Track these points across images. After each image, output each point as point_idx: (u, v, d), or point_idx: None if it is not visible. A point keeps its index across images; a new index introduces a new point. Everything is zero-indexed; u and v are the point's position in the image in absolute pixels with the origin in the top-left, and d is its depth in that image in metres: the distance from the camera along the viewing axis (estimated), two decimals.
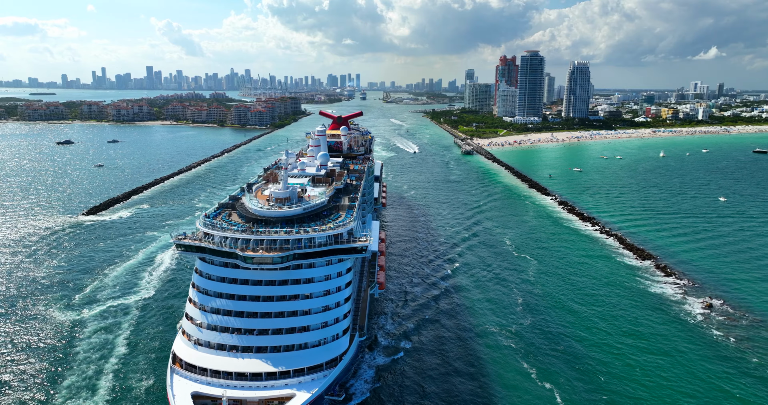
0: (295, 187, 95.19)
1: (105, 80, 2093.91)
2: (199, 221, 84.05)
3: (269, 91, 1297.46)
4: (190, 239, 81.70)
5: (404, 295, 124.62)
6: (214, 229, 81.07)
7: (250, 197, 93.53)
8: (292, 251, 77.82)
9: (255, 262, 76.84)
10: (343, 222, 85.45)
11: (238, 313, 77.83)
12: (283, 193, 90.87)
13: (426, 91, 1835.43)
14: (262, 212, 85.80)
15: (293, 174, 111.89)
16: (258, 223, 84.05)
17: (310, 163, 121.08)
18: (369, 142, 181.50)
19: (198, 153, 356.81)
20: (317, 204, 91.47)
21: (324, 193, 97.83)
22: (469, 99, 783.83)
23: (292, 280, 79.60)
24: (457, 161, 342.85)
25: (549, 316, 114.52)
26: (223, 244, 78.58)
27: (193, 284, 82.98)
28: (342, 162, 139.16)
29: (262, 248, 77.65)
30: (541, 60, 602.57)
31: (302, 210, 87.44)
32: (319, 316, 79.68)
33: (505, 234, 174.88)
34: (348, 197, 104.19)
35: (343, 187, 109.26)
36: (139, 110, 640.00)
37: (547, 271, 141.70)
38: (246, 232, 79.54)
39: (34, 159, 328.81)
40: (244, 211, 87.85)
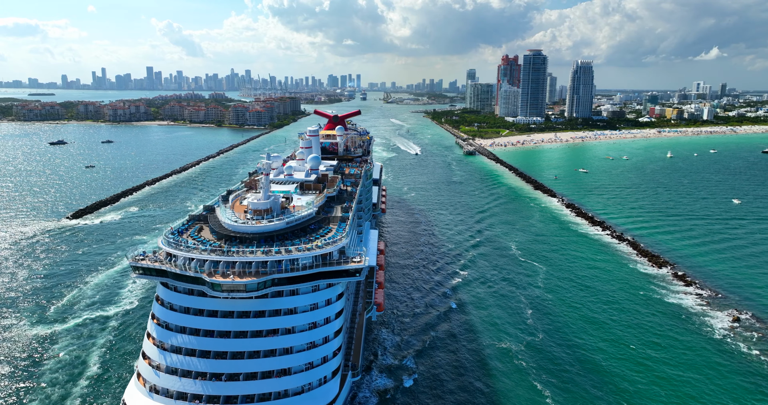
0: (278, 196, 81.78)
1: (105, 81, 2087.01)
2: (162, 238, 70.43)
3: (269, 92, 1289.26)
4: (149, 260, 68.05)
5: (405, 312, 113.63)
6: (177, 249, 67.35)
7: (224, 209, 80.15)
8: (271, 276, 64.89)
9: (225, 289, 63.33)
10: (334, 238, 72.74)
11: (203, 353, 64.62)
12: (263, 204, 77.17)
13: (427, 92, 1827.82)
14: (236, 227, 72.29)
15: (278, 180, 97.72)
16: (231, 241, 71.23)
17: (299, 168, 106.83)
18: (367, 143, 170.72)
19: (193, 154, 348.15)
20: (303, 216, 77.75)
21: (312, 202, 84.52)
22: (471, 99, 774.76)
23: (270, 311, 66.64)
24: (459, 162, 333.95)
25: (561, 328, 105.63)
26: (187, 268, 64.98)
27: (152, 316, 69.56)
28: (337, 165, 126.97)
29: (234, 272, 64.65)
30: (543, 59, 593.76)
31: (285, 224, 74.00)
32: (303, 355, 66.70)
33: (510, 238, 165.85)
34: (341, 207, 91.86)
35: (335, 195, 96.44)
36: (136, 110, 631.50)
37: (557, 278, 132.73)
38: (215, 253, 66.33)
39: (24, 160, 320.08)
40: (217, 226, 74.46)
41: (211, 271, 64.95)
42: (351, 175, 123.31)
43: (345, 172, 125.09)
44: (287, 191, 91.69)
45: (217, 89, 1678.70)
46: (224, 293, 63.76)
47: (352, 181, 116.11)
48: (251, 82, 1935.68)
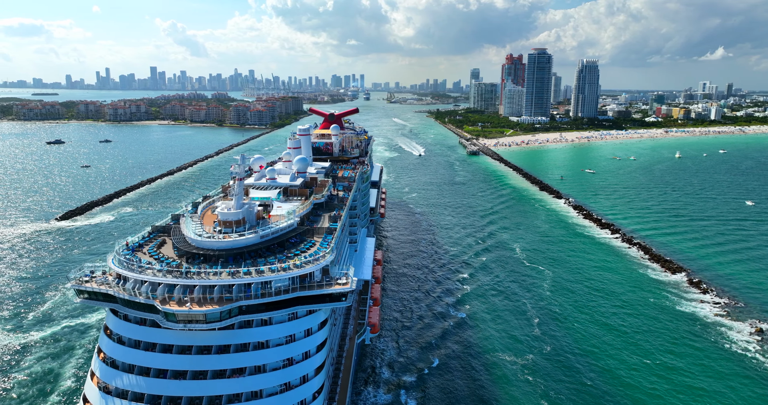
0: (253, 204, 70.85)
1: (109, 81, 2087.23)
2: (113, 255, 59.82)
3: (273, 92, 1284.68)
4: (96, 283, 57.27)
5: (402, 327, 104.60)
6: (129, 269, 56.59)
7: (189, 220, 68.68)
8: (237, 303, 54.28)
9: (180, 320, 52.53)
10: (316, 255, 62.11)
11: (153, 398, 53.67)
12: (234, 214, 65.54)
13: (430, 92, 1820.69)
14: (199, 242, 60.97)
15: (258, 185, 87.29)
16: (194, 259, 60.42)
17: (284, 171, 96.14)
18: (365, 143, 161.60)
19: (192, 153, 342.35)
20: (281, 228, 66.67)
21: (294, 211, 73.10)
22: (475, 99, 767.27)
23: (236, 346, 55.72)
24: (463, 162, 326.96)
25: (569, 340, 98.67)
26: (137, 293, 54.48)
27: (98, 350, 58.79)
28: (329, 167, 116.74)
29: (192, 298, 54.01)
30: (548, 58, 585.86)
31: (258, 238, 62.96)
32: (276, 400, 55.55)
33: (515, 241, 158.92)
34: (329, 215, 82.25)
35: (324, 201, 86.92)
36: (137, 110, 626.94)
37: (564, 285, 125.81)
38: (172, 274, 55.60)
39: (19, 159, 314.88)
40: (179, 241, 63.49)
41: (165, 297, 54.14)
42: (344, 178, 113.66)
43: (338, 175, 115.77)
44: (267, 198, 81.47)
45: (221, 89, 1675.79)
46: (180, 324, 52.87)
47: (346, 185, 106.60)
48: (254, 82, 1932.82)
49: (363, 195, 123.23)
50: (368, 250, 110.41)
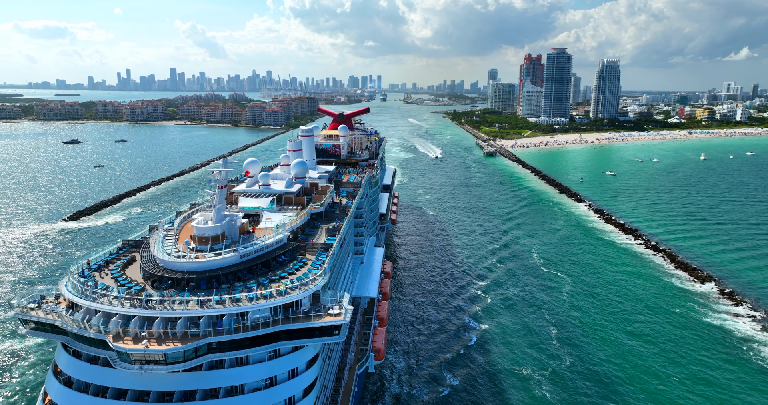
0: (235, 216, 61.89)
1: (130, 82, 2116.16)
2: (68, 278, 51.38)
3: (290, 93, 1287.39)
4: (44, 312, 48.93)
5: (412, 350, 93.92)
6: (82, 295, 48.22)
7: (163, 234, 60.02)
8: (205, 339, 45.29)
9: (136, 360, 43.92)
10: (305, 278, 53.01)
11: None
12: (212, 229, 56.66)
13: (448, 93, 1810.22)
14: (168, 263, 52.30)
15: (250, 192, 78.63)
16: (161, 283, 51.92)
17: (281, 176, 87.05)
18: (377, 145, 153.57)
19: (206, 153, 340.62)
20: (267, 245, 57.56)
21: (283, 224, 63.19)
22: (492, 99, 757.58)
23: (203, 393, 47.01)
24: (479, 163, 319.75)
25: (589, 352, 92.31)
26: (88, 325, 45.65)
27: (43, 393, 50.84)
28: (334, 171, 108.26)
29: (151, 333, 45.14)
30: (568, 58, 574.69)
31: (238, 257, 54.19)
32: None
33: (532, 246, 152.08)
34: (327, 227, 72.72)
35: (323, 210, 77.62)
36: (154, 110, 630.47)
37: (584, 292, 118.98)
38: (131, 302, 46.98)
39: (35, 159, 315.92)
40: (146, 260, 55.16)
41: (119, 331, 45.25)
42: (350, 183, 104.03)
43: (343, 180, 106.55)
44: (256, 207, 72.33)
45: (239, 90, 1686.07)
46: (136, 365, 44.04)
47: (350, 190, 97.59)
48: (272, 83, 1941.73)
49: (371, 201, 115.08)
50: (376, 262, 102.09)
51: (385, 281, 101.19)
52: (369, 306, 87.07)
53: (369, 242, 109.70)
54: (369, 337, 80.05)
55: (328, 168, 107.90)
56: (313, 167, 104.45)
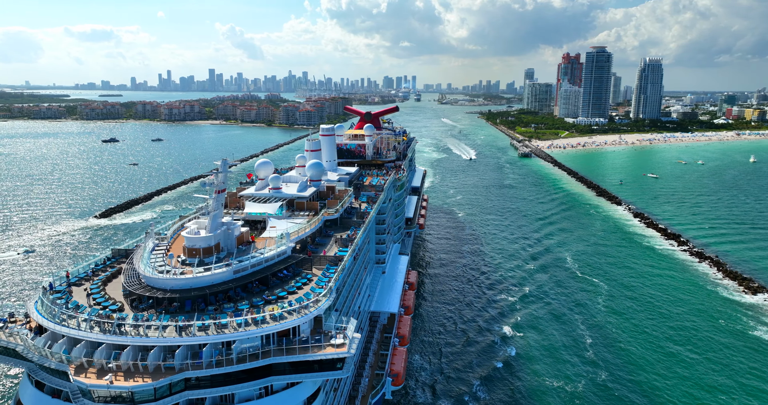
0: (233, 225, 55.01)
1: (170, 83, 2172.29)
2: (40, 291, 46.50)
3: (324, 93, 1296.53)
4: (5, 334, 43.42)
5: (436, 370, 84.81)
6: (50, 316, 42.65)
7: (153, 244, 54.21)
8: (182, 374, 38.90)
9: (98, 398, 37.96)
10: (306, 300, 45.84)
11: None
12: (204, 239, 50.37)
13: (483, 93, 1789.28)
14: (151, 279, 46.42)
15: (259, 197, 71.97)
16: (141, 303, 45.98)
17: (295, 178, 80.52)
18: (405, 145, 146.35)
19: (239, 152, 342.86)
20: (266, 258, 51.13)
21: (287, 233, 55.54)
22: (528, 99, 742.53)
23: None
24: (513, 164, 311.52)
25: (627, 363, 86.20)
26: (49, 353, 39.94)
27: None
28: (356, 173, 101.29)
29: (119, 366, 38.90)
30: (608, 57, 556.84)
31: (231, 273, 47.90)
32: None
33: (567, 250, 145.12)
34: (340, 237, 64.81)
35: (338, 217, 70.47)
36: (191, 110, 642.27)
37: (620, 300, 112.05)
38: (100, 326, 40.91)
39: (75, 156, 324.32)
40: (128, 276, 48.78)
41: (83, 362, 39.05)
42: (372, 186, 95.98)
43: (364, 183, 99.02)
44: (262, 213, 65.75)
45: (275, 91, 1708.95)
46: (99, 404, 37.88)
47: (372, 194, 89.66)
48: (307, 83, 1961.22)
49: (396, 205, 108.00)
50: (399, 271, 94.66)
51: (408, 293, 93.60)
52: (389, 322, 79.28)
53: (393, 250, 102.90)
54: (387, 359, 71.57)
55: (350, 169, 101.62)
56: (334, 169, 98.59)
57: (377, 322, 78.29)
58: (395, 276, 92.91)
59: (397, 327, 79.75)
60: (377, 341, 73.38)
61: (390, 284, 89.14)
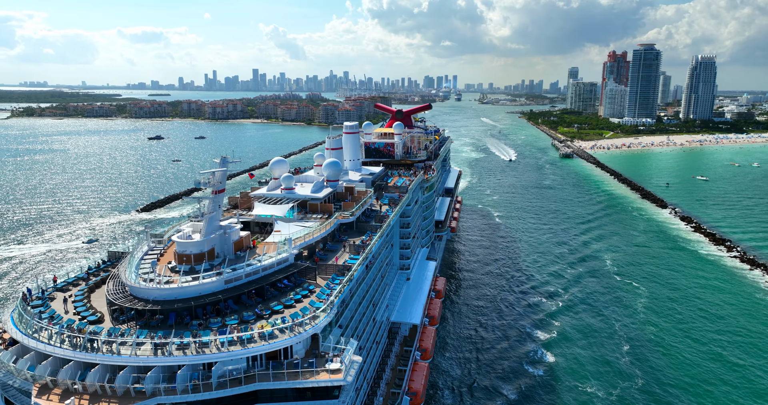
0: (230, 228, 50.54)
1: (216, 82, 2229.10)
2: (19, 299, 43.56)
3: (365, 92, 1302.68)
4: None
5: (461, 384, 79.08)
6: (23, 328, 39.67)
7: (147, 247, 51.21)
8: (154, 400, 34.82)
9: None
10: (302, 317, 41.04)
11: None
12: (197, 244, 46.65)
13: (525, 93, 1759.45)
14: (135, 288, 42.77)
15: (270, 197, 68.08)
16: (122, 314, 42.19)
17: (311, 178, 76.36)
18: (437, 144, 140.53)
19: (278, 150, 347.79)
20: (264, 266, 46.86)
21: (289, 239, 51.30)
22: (572, 99, 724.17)
23: None
24: (553, 165, 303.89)
25: (666, 372, 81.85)
26: (14, 369, 36.89)
27: None
28: (379, 174, 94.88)
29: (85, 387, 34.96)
30: (657, 54, 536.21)
31: (222, 283, 43.85)
32: None
33: (606, 253, 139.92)
34: (352, 243, 59.48)
35: (353, 221, 65.51)
36: (234, 109, 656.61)
37: (662, 306, 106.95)
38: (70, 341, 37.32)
39: (122, 153, 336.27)
40: (115, 283, 45.09)
41: (46, 382, 35.40)
42: (396, 187, 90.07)
43: (388, 184, 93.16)
44: (269, 216, 61.68)
45: (316, 90, 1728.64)
46: None
47: (394, 196, 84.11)
48: (348, 83, 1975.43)
49: (424, 208, 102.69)
50: (426, 278, 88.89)
51: (434, 302, 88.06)
52: (410, 334, 73.41)
53: (419, 255, 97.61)
54: (405, 376, 65.35)
55: (374, 169, 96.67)
56: (357, 168, 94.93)
57: (397, 333, 72.88)
58: (421, 283, 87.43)
59: (419, 339, 74.27)
60: (396, 355, 67.71)
61: (414, 292, 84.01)
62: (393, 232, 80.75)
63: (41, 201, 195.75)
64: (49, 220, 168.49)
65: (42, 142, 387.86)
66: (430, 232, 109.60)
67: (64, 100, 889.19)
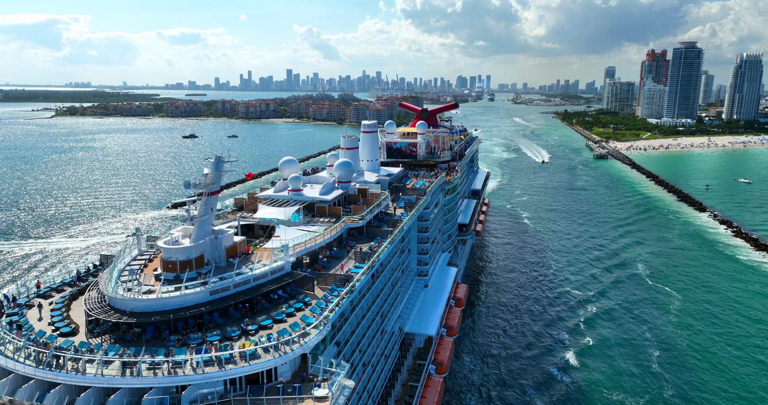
0: (222, 234, 46.90)
1: (250, 83, 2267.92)
2: None
3: (397, 92, 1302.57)
4: None
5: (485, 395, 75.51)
6: None
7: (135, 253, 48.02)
8: None
9: None
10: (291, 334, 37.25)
11: None
12: (184, 250, 42.98)
13: (560, 93, 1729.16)
14: (113, 299, 39.37)
15: (275, 199, 64.65)
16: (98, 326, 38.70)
17: (322, 179, 73.03)
18: (464, 144, 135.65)
19: (308, 149, 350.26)
20: (255, 276, 43.37)
21: (286, 246, 47.49)
22: (608, 99, 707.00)
23: None
24: (587, 166, 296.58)
25: (699, 379, 78.61)
26: None
27: None
28: (398, 175, 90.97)
29: None
30: (698, 53, 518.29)
31: (206, 294, 40.36)
32: None
33: (639, 257, 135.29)
34: (359, 249, 55.24)
35: (363, 225, 61.51)
36: (266, 108, 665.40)
37: (696, 312, 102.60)
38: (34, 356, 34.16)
39: (158, 150, 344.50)
40: (94, 295, 41.57)
41: (4, 402, 32.77)
42: (414, 189, 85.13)
43: (406, 186, 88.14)
44: (271, 219, 58.20)
45: (349, 90, 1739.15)
46: None
47: (411, 199, 78.98)
48: (380, 83, 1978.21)
49: (446, 211, 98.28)
50: (445, 285, 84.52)
51: (454, 311, 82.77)
52: (425, 346, 68.64)
53: (439, 260, 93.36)
54: (417, 392, 60.49)
55: (392, 170, 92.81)
56: (375, 169, 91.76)
57: (411, 345, 68.59)
58: (440, 290, 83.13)
59: (434, 352, 69.18)
60: (408, 369, 63.35)
61: (432, 300, 79.34)
62: (410, 236, 77.00)
63: (79, 196, 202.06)
64: (86, 215, 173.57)
65: (82, 140, 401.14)
66: (453, 236, 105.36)
67: (105, 100, 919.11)
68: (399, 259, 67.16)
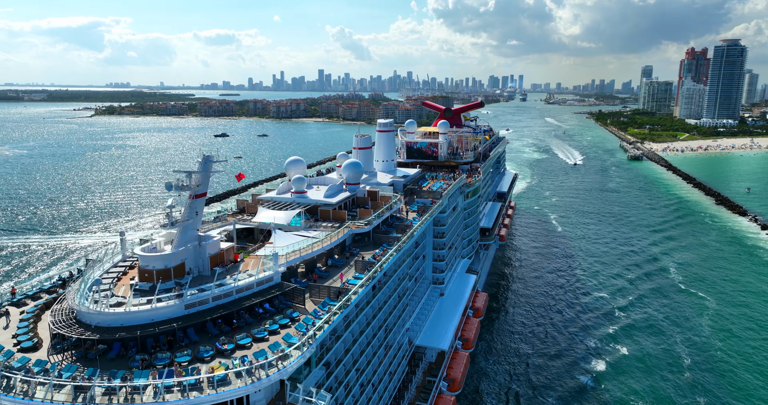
0: (207, 239, 43.51)
1: (283, 83, 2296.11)
2: None
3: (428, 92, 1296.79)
4: None
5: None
6: None
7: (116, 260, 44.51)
8: None
9: None
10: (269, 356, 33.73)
11: None
12: (162, 258, 39.80)
13: (595, 93, 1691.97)
14: (80, 312, 36.17)
15: (278, 201, 61.24)
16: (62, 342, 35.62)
17: (330, 180, 70.05)
18: (487, 145, 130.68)
19: (336, 148, 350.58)
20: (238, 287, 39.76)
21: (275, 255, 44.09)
22: (645, 99, 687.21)
23: None
24: (620, 167, 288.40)
25: (731, 394, 73.57)
26: None
27: None
28: (414, 176, 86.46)
29: None
30: (741, 50, 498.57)
31: (181, 308, 36.75)
32: None
33: (674, 263, 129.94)
34: (362, 258, 51.04)
35: (370, 230, 57.36)
36: (297, 108, 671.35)
37: (732, 321, 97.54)
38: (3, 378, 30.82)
39: (189, 149, 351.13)
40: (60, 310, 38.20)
41: None
42: (430, 192, 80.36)
43: (422, 188, 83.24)
44: (268, 223, 54.31)
45: (380, 90, 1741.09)
46: None
47: (426, 202, 74.43)
48: (411, 83, 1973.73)
49: (466, 215, 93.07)
50: (463, 294, 79.45)
51: (471, 321, 77.45)
52: (437, 361, 63.84)
53: (458, 267, 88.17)
54: None
55: (408, 171, 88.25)
56: (390, 170, 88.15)
57: (421, 360, 63.37)
58: (456, 300, 78.15)
59: (447, 367, 64.31)
60: (417, 386, 58.54)
61: (448, 310, 74.32)
62: (425, 242, 72.50)
63: (113, 192, 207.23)
64: (119, 211, 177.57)
65: (119, 138, 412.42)
66: (473, 241, 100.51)
67: (142, 100, 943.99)
68: (410, 266, 63.02)
